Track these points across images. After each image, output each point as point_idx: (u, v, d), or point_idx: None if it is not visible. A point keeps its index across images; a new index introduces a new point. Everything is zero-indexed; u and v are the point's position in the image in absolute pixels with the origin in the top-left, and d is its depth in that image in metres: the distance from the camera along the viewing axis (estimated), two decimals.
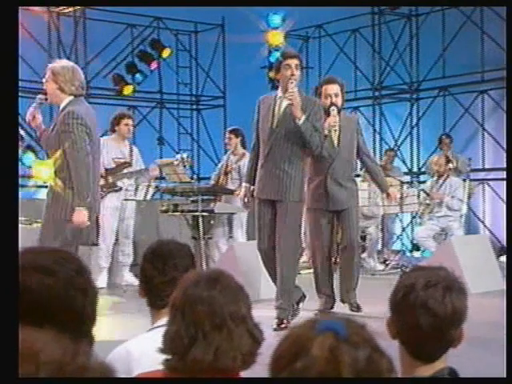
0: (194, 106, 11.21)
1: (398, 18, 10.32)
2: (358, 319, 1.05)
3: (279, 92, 4.82)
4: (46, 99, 4.26)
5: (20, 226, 4.69)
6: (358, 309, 5.15)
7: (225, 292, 1.56)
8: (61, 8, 9.20)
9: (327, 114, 4.96)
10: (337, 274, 5.42)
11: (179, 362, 1.52)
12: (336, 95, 5.05)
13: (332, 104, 5.01)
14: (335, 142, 5.08)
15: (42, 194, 8.18)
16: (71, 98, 4.14)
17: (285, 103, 4.72)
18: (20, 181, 7.49)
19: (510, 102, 5.86)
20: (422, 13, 10.13)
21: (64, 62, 4.31)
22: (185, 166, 7.10)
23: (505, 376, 1.66)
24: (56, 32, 9.34)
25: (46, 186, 9.44)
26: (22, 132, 7.98)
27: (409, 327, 1.59)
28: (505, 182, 8.32)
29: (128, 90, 9.95)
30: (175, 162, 7.01)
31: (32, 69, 8.46)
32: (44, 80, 4.23)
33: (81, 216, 4.02)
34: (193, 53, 10.96)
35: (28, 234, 5.60)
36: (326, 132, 4.90)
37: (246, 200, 4.98)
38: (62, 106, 4.16)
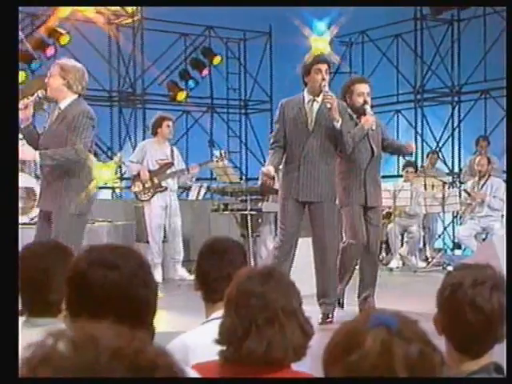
0: (243, 110, 11.53)
1: (439, 24, 10.43)
2: (410, 315, 1.06)
3: (306, 94, 4.82)
4: (46, 95, 4.14)
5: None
6: None
7: (277, 287, 1.60)
8: (120, 19, 9.63)
9: (361, 112, 4.96)
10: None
11: (234, 353, 1.57)
12: (368, 94, 5.04)
13: (366, 102, 4.99)
14: (372, 140, 5.03)
15: (103, 195, 8.78)
16: (76, 96, 4.04)
17: (317, 105, 4.77)
18: None
19: (510, 102, 5.95)
20: (463, 18, 10.26)
21: (73, 61, 4.18)
22: (223, 160, 7.37)
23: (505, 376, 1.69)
24: (116, 42, 9.83)
25: (106, 187, 9.96)
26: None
27: (456, 324, 1.60)
28: None
29: (181, 95, 10.29)
30: (214, 159, 7.32)
31: (93, 77, 9.06)
32: (49, 74, 4.10)
33: (28, 152, 3.99)
34: (241, 59, 11.28)
35: (92, 234, 5.85)
36: (366, 130, 4.90)
37: (268, 181, 4.91)
38: (65, 103, 4.03)
